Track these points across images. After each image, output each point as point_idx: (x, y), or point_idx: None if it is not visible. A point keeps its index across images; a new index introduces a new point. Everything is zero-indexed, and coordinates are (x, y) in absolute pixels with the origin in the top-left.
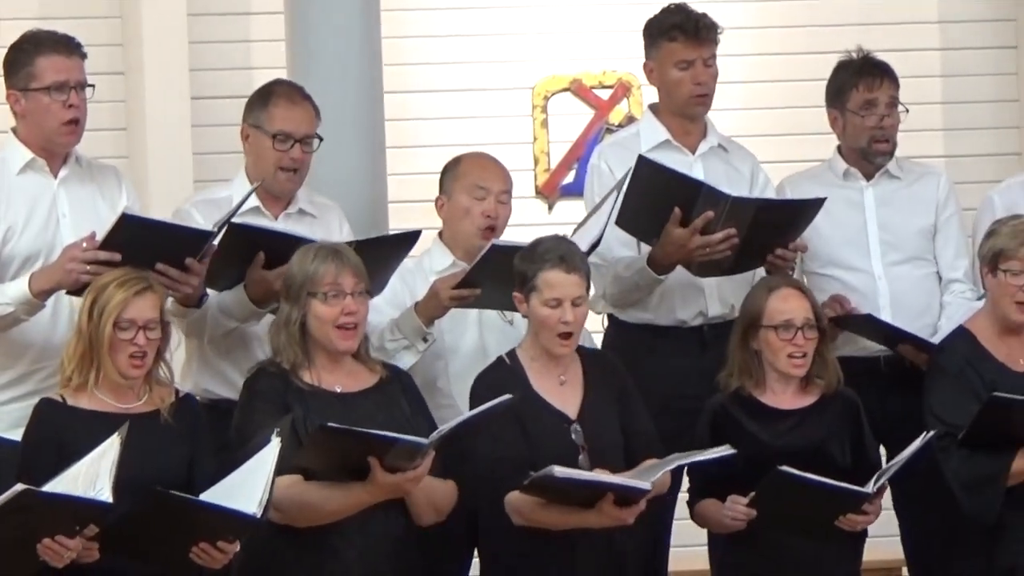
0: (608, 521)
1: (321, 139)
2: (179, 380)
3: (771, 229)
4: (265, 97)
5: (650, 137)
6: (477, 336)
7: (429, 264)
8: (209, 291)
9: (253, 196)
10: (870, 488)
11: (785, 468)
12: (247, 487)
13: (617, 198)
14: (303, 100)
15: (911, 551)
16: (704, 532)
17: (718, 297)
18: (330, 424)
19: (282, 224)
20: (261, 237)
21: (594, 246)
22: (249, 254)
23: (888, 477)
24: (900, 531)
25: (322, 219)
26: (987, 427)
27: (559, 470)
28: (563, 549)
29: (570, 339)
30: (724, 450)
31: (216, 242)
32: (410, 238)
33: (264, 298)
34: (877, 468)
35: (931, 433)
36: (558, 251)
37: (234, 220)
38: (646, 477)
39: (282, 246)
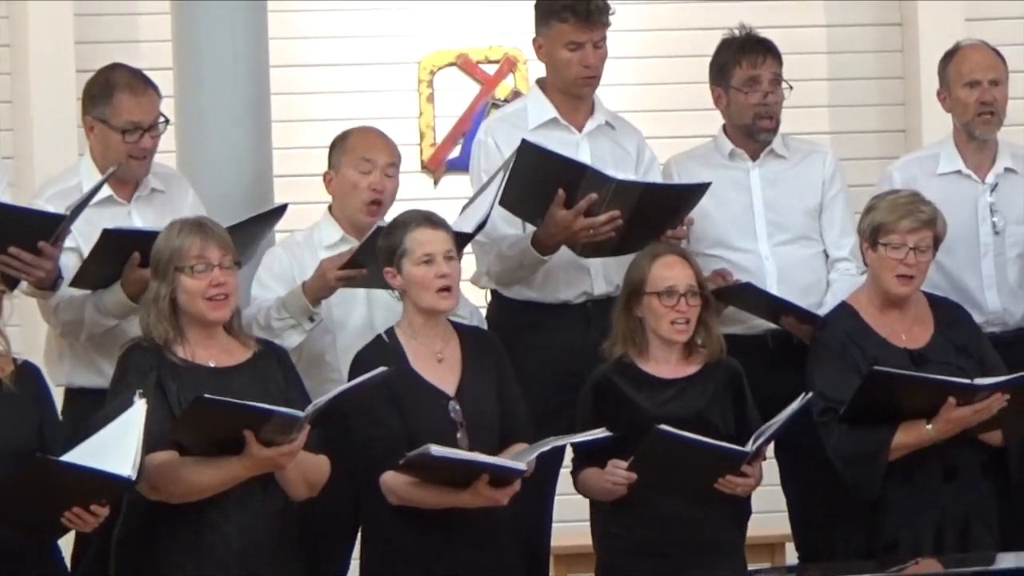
0: (482, 501)
1: (167, 120)
2: (48, 374)
3: (656, 212)
4: (108, 89)
5: (537, 114)
6: (365, 311)
7: (319, 238)
8: (81, 291)
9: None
10: (749, 447)
11: (664, 427)
12: (115, 449)
13: (503, 178)
14: (145, 87)
15: (796, 526)
16: (587, 509)
17: (603, 276)
18: (206, 396)
19: (134, 207)
20: (135, 238)
21: (480, 227)
22: (123, 255)
23: (767, 437)
24: (786, 506)
25: (170, 193)
26: (868, 402)
27: (435, 449)
28: (440, 528)
29: (450, 292)
30: (598, 432)
31: (80, 243)
32: (276, 213)
33: (141, 294)
34: None
35: (809, 394)
36: (421, 214)
37: (107, 227)
38: (521, 459)
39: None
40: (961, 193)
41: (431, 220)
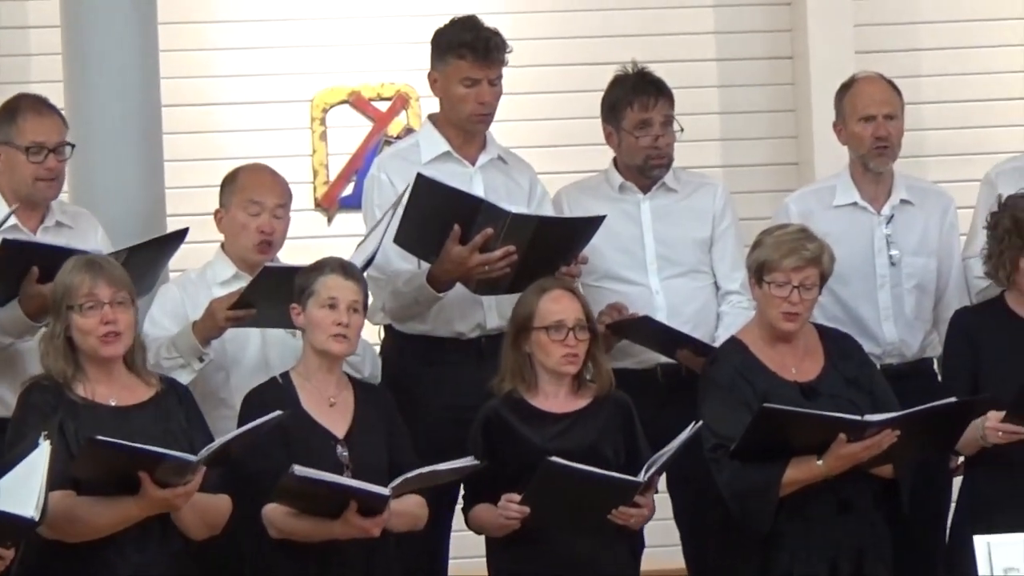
0: (353, 531)
1: (72, 146)
2: None
3: (551, 246)
4: (11, 112)
5: (430, 148)
6: (259, 348)
7: (212, 275)
8: None
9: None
10: (641, 477)
11: (555, 459)
12: (19, 491)
13: (394, 213)
14: (49, 110)
15: (689, 560)
16: (483, 543)
17: (496, 310)
18: (98, 437)
19: (40, 238)
20: (34, 252)
21: (369, 262)
22: (21, 270)
23: (659, 467)
24: (680, 540)
25: (78, 229)
26: (759, 438)
27: (299, 469)
28: (317, 562)
29: (345, 341)
30: (468, 460)
31: None
32: (178, 236)
33: (40, 312)
34: None
35: (699, 423)
36: (338, 262)
37: (7, 237)
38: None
39: (54, 259)
40: (857, 225)
41: (346, 270)
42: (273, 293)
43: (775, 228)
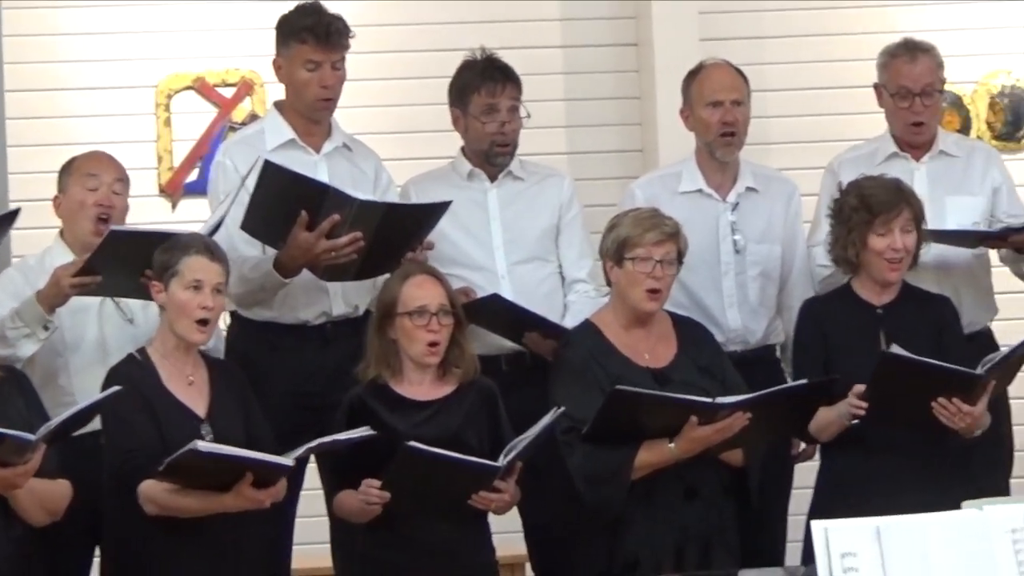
0: (245, 503)
1: None
2: None
3: (397, 232)
4: None
5: (275, 135)
6: (97, 332)
7: (50, 262)
8: None
9: None
10: (501, 462)
11: (414, 444)
12: None
13: (236, 195)
14: None
15: (532, 546)
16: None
17: (342, 297)
18: None
19: None
20: None
21: (211, 233)
22: None
23: (519, 452)
24: (523, 526)
25: None
26: (611, 421)
27: (203, 445)
28: (187, 539)
29: (207, 326)
30: (363, 430)
31: None
32: (9, 218)
33: None
34: None
35: (560, 409)
36: (203, 242)
37: None
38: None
39: None
40: (703, 212)
41: (211, 251)
42: (120, 260)
43: (629, 211)
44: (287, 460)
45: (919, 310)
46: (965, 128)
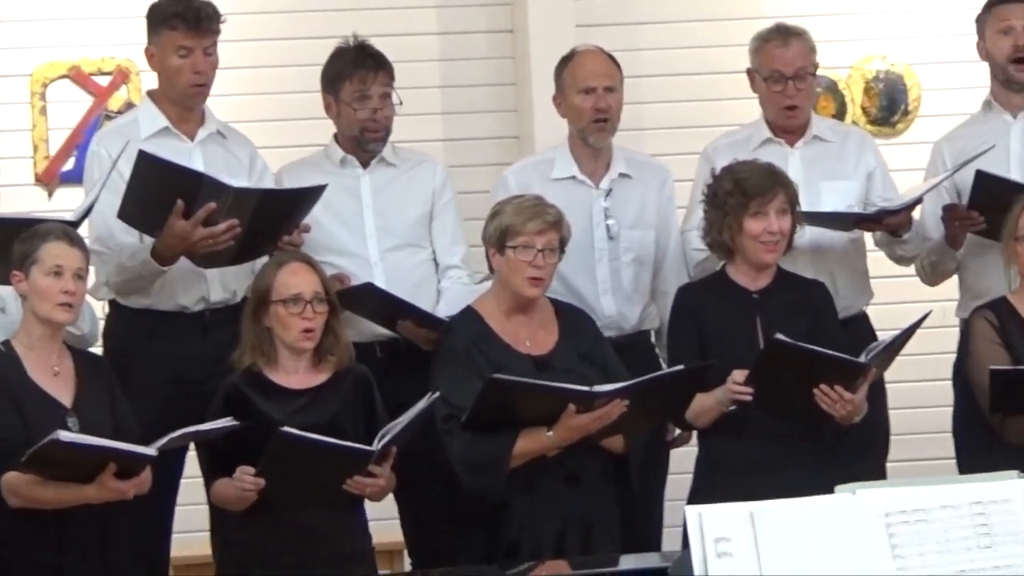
0: (108, 494)
1: None
2: None
3: (273, 217)
4: None
5: (149, 123)
6: None
7: None
8: None
9: None
10: (375, 447)
11: (288, 429)
12: None
13: (107, 178)
14: None
15: (411, 532)
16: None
17: (220, 282)
18: None
19: None
20: None
21: (82, 218)
22: None
23: (393, 436)
24: (399, 513)
25: None
26: (489, 408)
27: (64, 435)
28: (55, 531)
29: (71, 308)
30: (226, 421)
31: None
32: None
33: None
34: None
35: (435, 394)
36: (61, 228)
37: None
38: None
39: None
40: (576, 198)
41: (69, 236)
42: None
43: (512, 198)
44: (149, 450)
45: (794, 295)
46: (840, 113)
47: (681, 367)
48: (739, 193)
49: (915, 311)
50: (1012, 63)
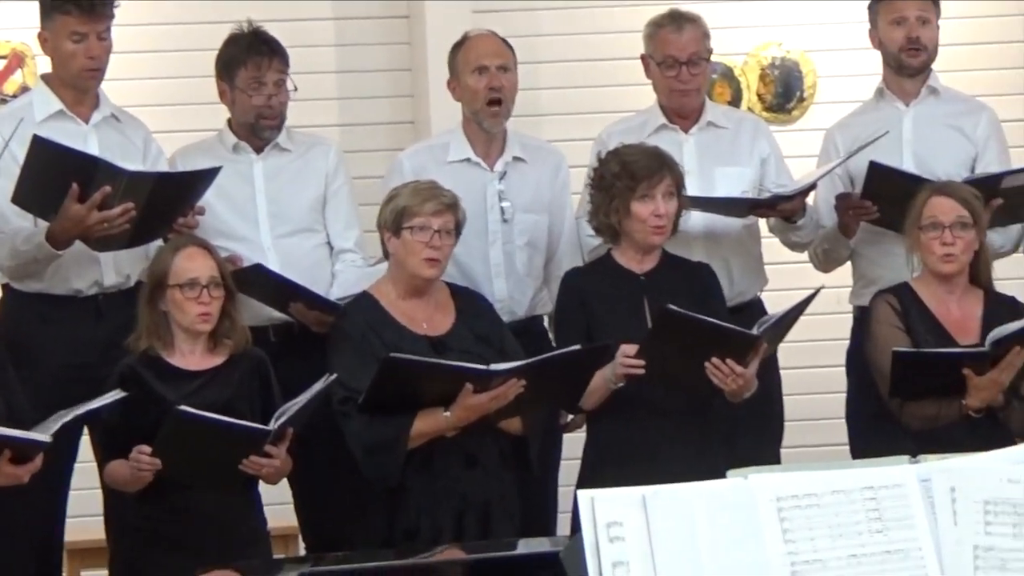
0: (2, 479)
1: None
2: None
3: (168, 201)
4: None
5: (43, 107)
6: None
7: None
8: None
9: None
10: (271, 426)
11: (184, 408)
12: None
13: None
14: None
15: (306, 516)
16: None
17: (114, 267)
18: None
19: None
20: None
21: None
22: None
23: (289, 417)
24: (294, 496)
25: None
26: (386, 389)
27: None
28: None
29: None
30: (115, 394)
31: None
32: None
33: None
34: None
35: (332, 375)
36: None
37: None
38: (42, 431)
39: None
40: (470, 181)
41: None
42: None
43: (408, 183)
44: (44, 436)
45: (681, 277)
46: (736, 100)
47: (578, 347)
48: (626, 176)
49: None
50: (905, 52)
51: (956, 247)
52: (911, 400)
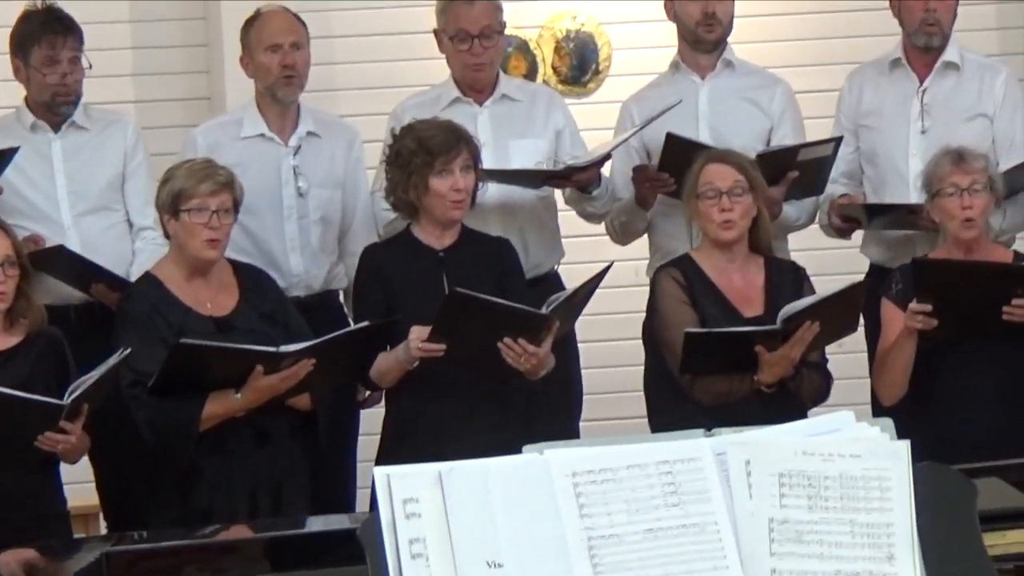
0: None
1: None
2: None
3: None
4: None
5: None
6: None
7: None
8: None
9: None
10: (65, 400)
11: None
12: None
13: None
14: None
15: (106, 495)
16: None
17: None
18: None
19: None
20: None
21: None
22: None
23: (83, 391)
24: (94, 475)
25: None
26: (176, 373)
27: None
28: None
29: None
30: None
31: None
32: None
33: None
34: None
35: (126, 350)
36: None
37: None
38: None
39: None
40: (265, 156)
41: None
42: None
43: (183, 163)
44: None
45: (480, 252)
46: (532, 73)
47: (366, 323)
48: (423, 152)
49: None
50: (702, 27)
51: (735, 212)
52: (702, 376)
